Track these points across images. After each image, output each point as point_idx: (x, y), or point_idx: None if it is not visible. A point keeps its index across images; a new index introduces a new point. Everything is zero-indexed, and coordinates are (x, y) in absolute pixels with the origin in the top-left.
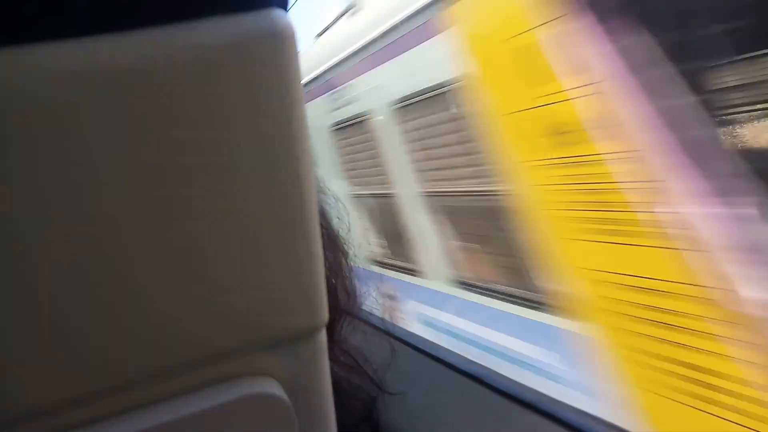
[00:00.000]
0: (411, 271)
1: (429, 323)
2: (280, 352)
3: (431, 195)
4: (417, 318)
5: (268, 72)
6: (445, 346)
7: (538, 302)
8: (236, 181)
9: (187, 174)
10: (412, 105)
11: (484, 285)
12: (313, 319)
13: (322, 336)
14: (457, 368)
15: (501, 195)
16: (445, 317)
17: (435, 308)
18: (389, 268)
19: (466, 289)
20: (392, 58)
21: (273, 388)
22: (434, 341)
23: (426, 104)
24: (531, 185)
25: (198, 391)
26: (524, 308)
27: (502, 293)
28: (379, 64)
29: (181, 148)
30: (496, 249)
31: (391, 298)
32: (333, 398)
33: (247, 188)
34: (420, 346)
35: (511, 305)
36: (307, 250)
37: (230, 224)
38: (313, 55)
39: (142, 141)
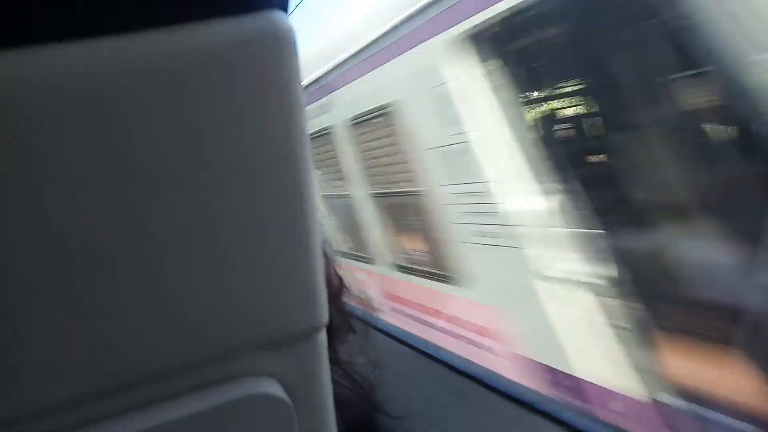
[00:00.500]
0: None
1: None
2: (281, 353)
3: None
4: None
5: (268, 73)
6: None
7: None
8: (236, 182)
9: (187, 175)
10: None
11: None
12: (313, 319)
13: (322, 336)
14: (456, 369)
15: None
16: None
17: None
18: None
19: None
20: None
21: (273, 388)
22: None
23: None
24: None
25: (199, 391)
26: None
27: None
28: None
29: (182, 148)
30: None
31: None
32: (333, 398)
33: (247, 189)
34: (420, 347)
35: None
36: (307, 251)
37: (230, 225)
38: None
39: (142, 142)
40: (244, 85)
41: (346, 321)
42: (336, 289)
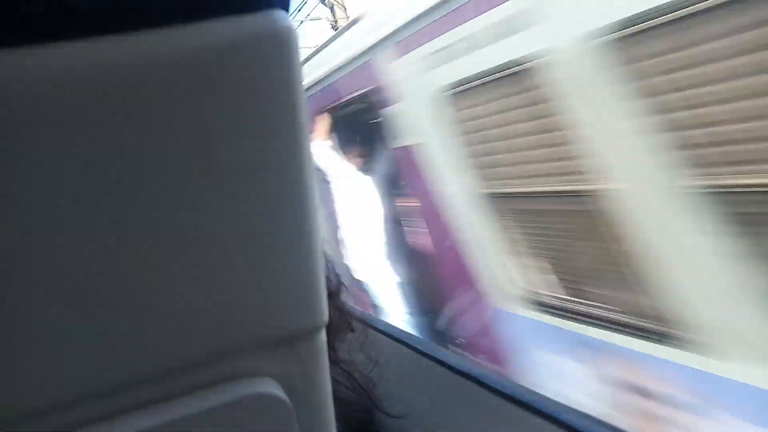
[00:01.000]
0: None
1: None
2: (280, 353)
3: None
4: None
5: (269, 73)
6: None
7: None
8: (237, 181)
9: (187, 175)
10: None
11: None
12: (313, 319)
13: (322, 336)
14: (456, 369)
15: None
16: None
17: None
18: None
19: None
20: None
21: (273, 388)
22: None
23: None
24: None
25: (197, 391)
26: None
27: None
28: None
29: (182, 149)
30: None
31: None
32: (332, 399)
33: (248, 189)
34: (418, 347)
35: None
36: (307, 250)
37: (230, 224)
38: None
39: (143, 142)
40: (244, 85)
41: (345, 319)
42: (334, 287)
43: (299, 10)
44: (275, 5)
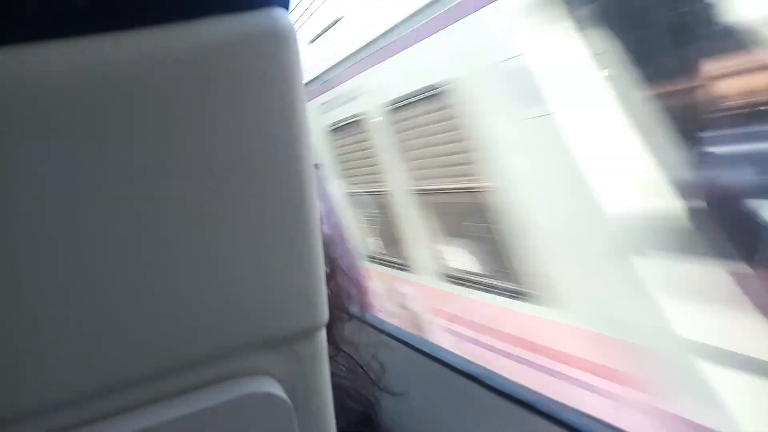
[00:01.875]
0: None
1: None
2: (280, 352)
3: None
4: None
5: (269, 71)
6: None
7: None
8: (237, 180)
9: (187, 173)
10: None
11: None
12: (313, 319)
13: (322, 336)
14: (456, 369)
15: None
16: None
17: None
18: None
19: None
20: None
21: (273, 387)
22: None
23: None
24: None
25: (198, 390)
26: None
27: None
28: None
29: (182, 147)
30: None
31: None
32: (333, 399)
33: (248, 187)
34: (419, 347)
35: None
36: (307, 249)
37: (230, 224)
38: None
39: (143, 140)
40: (245, 83)
41: (341, 302)
42: (350, 293)
43: None
44: (275, 3)
